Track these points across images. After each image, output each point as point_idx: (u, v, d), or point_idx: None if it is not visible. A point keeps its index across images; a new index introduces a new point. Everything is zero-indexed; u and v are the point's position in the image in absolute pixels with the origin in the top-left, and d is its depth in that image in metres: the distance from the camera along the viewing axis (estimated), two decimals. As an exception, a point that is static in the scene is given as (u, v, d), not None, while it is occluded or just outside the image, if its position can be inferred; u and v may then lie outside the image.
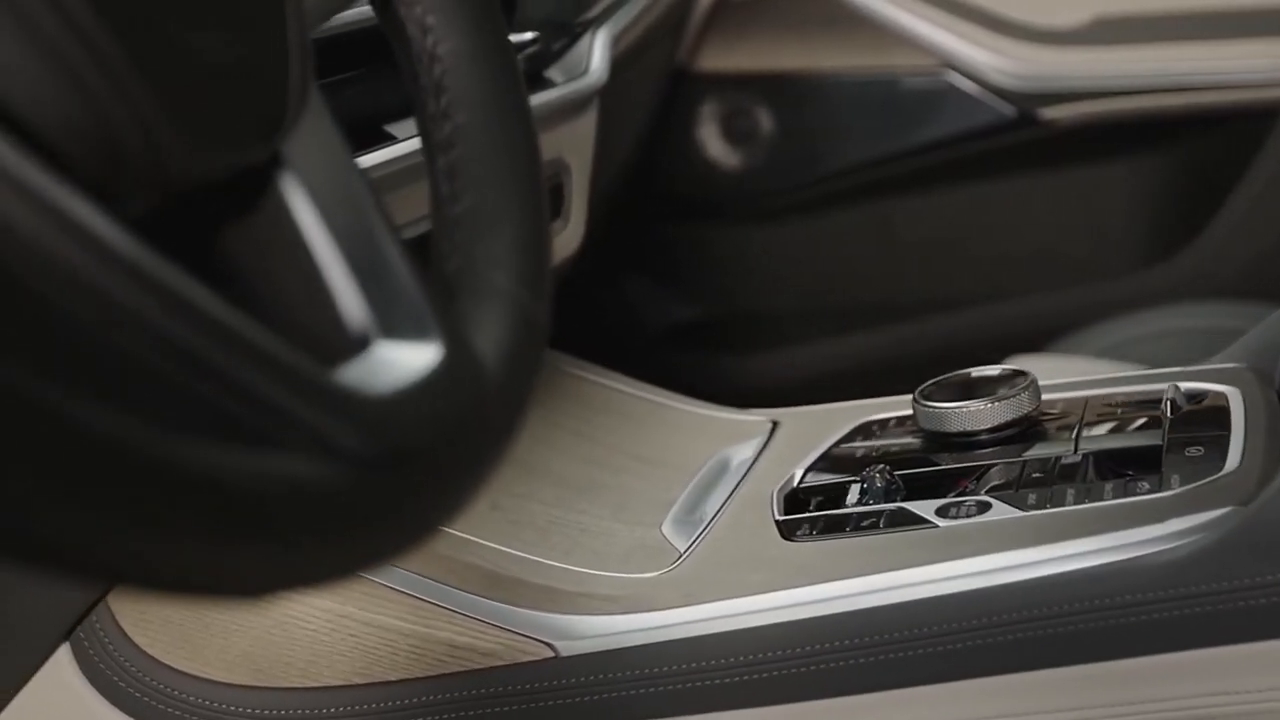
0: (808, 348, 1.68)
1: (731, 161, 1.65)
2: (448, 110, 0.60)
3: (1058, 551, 0.76)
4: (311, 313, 0.50)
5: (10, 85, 0.42)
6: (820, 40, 1.62)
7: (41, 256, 0.40)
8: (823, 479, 0.90)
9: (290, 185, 0.51)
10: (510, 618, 0.80)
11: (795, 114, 1.64)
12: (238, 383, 0.43)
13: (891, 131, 1.62)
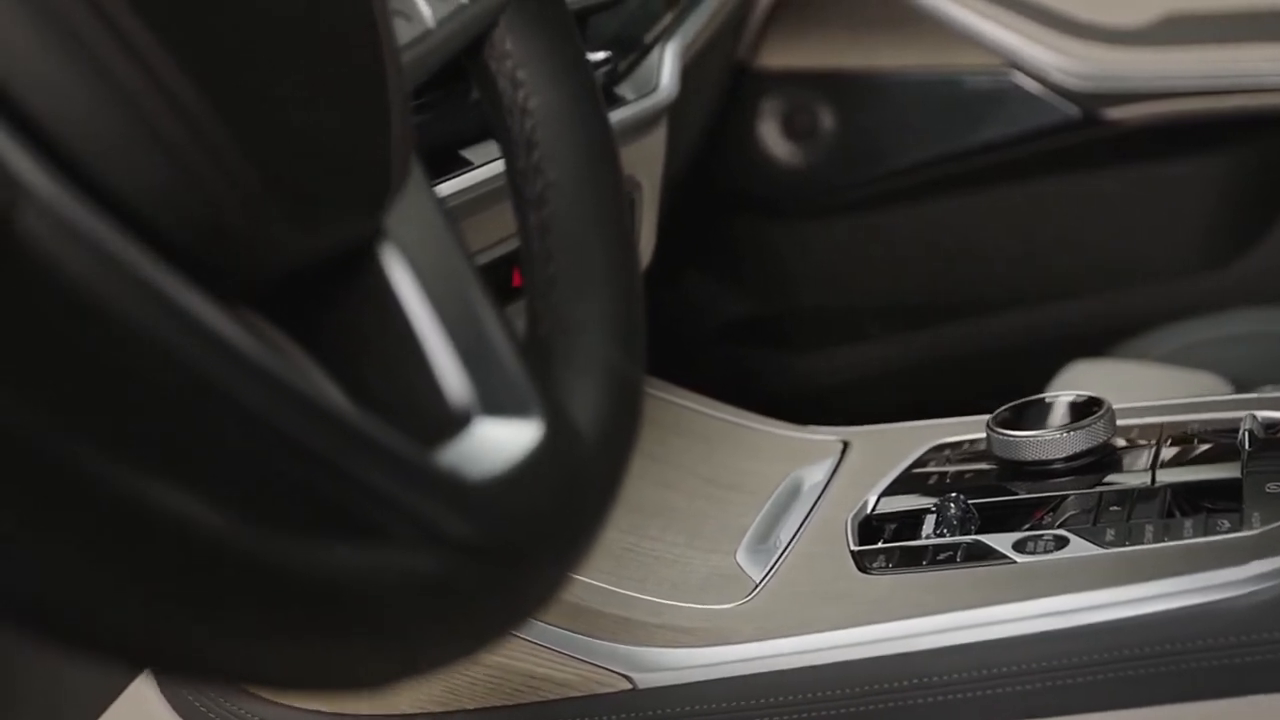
0: (866, 346, 1.68)
1: (792, 158, 1.65)
2: (539, 166, 0.60)
3: (1136, 593, 0.76)
4: (414, 389, 0.50)
5: (116, 168, 0.42)
6: (883, 39, 1.61)
7: (143, 342, 0.40)
8: (896, 505, 0.90)
9: (391, 258, 0.52)
10: (588, 649, 0.80)
11: (857, 112, 1.63)
12: (345, 472, 0.43)
13: (953, 131, 1.61)
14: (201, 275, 0.43)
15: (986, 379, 1.65)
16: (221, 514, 0.39)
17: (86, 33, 0.40)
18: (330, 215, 0.48)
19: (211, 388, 0.42)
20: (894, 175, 1.65)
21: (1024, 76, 1.57)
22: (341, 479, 0.43)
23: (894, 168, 1.64)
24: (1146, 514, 0.82)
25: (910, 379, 1.65)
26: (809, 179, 1.67)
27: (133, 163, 0.42)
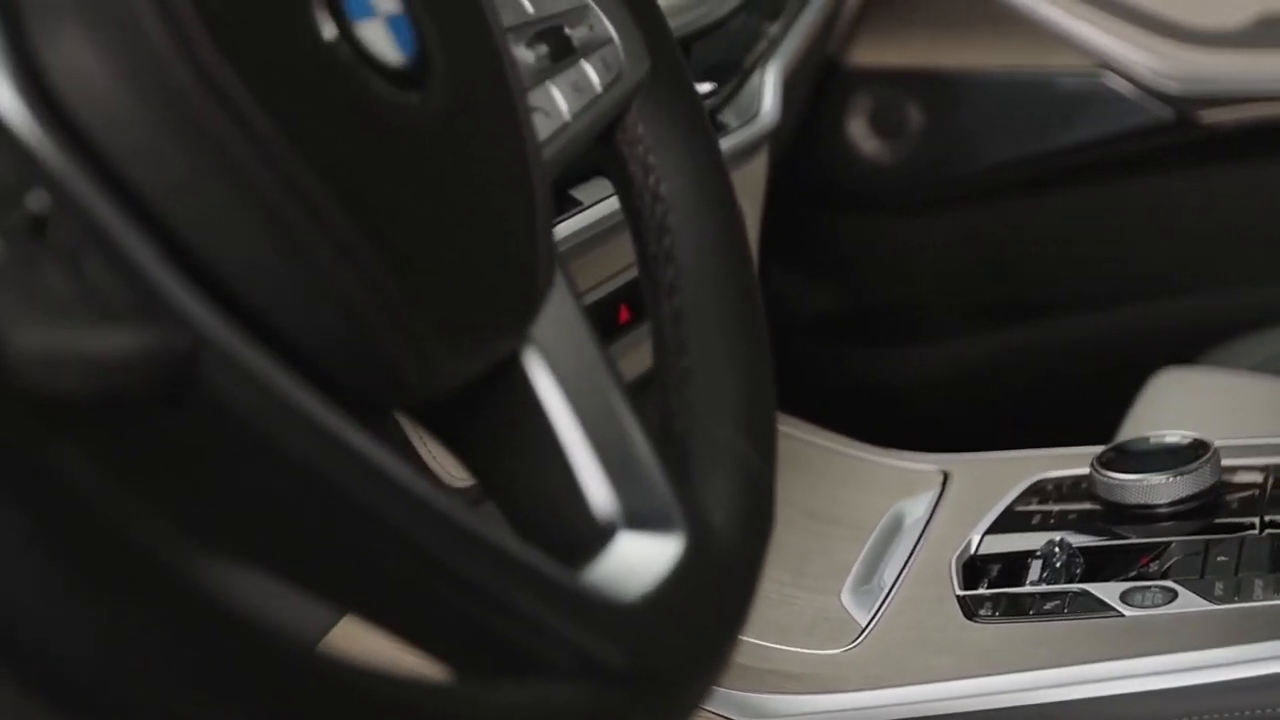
0: (949, 343, 1.68)
1: (879, 155, 1.65)
2: (671, 253, 0.61)
3: (1246, 654, 0.76)
4: (560, 501, 0.51)
5: (286, 312, 0.43)
6: (973, 38, 1.60)
7: (312, 480, 0.42)
8: (1000, 545, 0.91)
9: (535, 363, 0.52)
10: (697, 694, 0.81)
11: (946, 111, 1.63)
12: (503, 602, 0.44)
13: (1043, 131, 1.60)
14: (362, 407, 0.44)
15: (1070, 379, 1.65)
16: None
17: (265, 189, 0.42)
18: (485, 338, 0.49)
19: (378, 523, 0.43)
20: (982, 174, 1.64)
21: (1116, 77, 1.56)
22: (499, 609, 0.44)
23: (982, 167, 1.64)
24: (1255, 565, 0.83)
25: (993, 379, 1.65)
26: (896, 176, 1.67)
27: (302, 307, 0.43)
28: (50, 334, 0.36)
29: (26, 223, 0.37)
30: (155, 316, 0.39)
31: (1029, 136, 1.61)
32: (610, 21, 0.61)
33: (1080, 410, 1.52)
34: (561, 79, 0.59)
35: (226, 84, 0.41)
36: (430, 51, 0.48)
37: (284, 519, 0.42)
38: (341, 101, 0.45)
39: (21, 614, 0.34)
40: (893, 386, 1.68)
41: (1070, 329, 1.63)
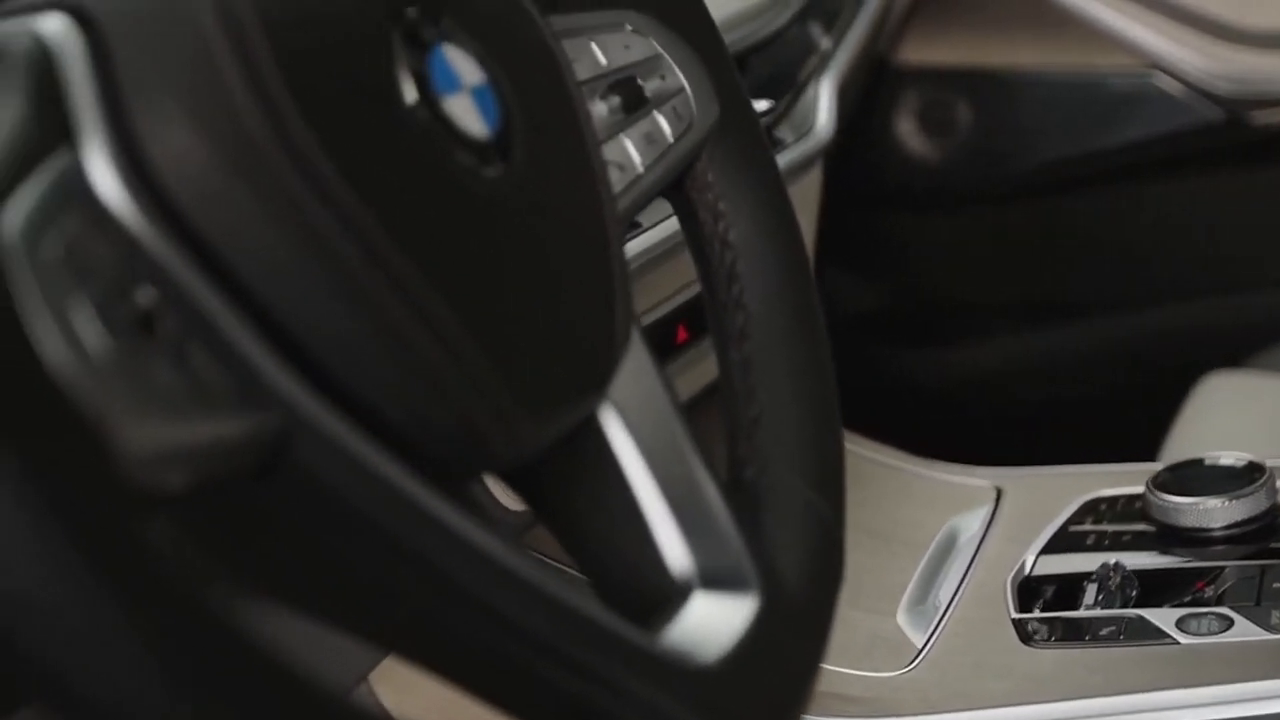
0: (995, 342, 1.68)
1: (928, 153, 1.65)
2: (740, 299, 0.62)
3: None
4: (637, 560, 0.52)
5: (376, 389, 0.44)
6: (1024, 37, 1.60)
7: (402, 554, 0.43)
8: (1054, 566, 0.91)
9: (613, 425, 0.53)
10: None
11: (995, 109, 1.63)
12: (581, 667, 0.45)
13: (1092, 131, 1.60)
14: (447, 476, 0.45)
15: (1119, 381, 1.65)
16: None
17: (354, 268, 0.42)
18: (567, 403, 0.50)
19: (462, 590, 0.44)
20: (1030, 173, 1.64)
21: (1165, 78, 1.56)
22: (579, 673, 0.45)
23: (1030, 166, 1.64)
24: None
25: (1038, 379, 1.66)
26: (944, 174, 1.67)
27: (389, 382, 0.44)
28: (159, 432, 0.37)
29: (136, 318, 0.38)
30: (254, 401, 0.40)
31: (1078, 136, 1.61)
32: (681, 70, 0.62)
33: (1127, 411, 1.53)
34: (634, 130, 0.60)
35: (317, 164, 0.42)
36: (513, 121, 0.49)
37: (370, 588, 0.43)
38: (427, 177, 0.46)
39: (129, 698, 0.35)
40: (936, 386, 1.69)
41: (1117, 329, 1.63)
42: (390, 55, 0.46)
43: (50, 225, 0.37)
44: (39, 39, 0.41)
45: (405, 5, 0.47)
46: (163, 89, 0.41)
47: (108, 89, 0.41)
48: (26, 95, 0.40)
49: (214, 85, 0.42)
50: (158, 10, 0.42)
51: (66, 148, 0.40)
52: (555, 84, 0.53)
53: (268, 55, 0.42)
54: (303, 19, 0.44)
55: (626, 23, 0.61)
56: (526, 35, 0.53)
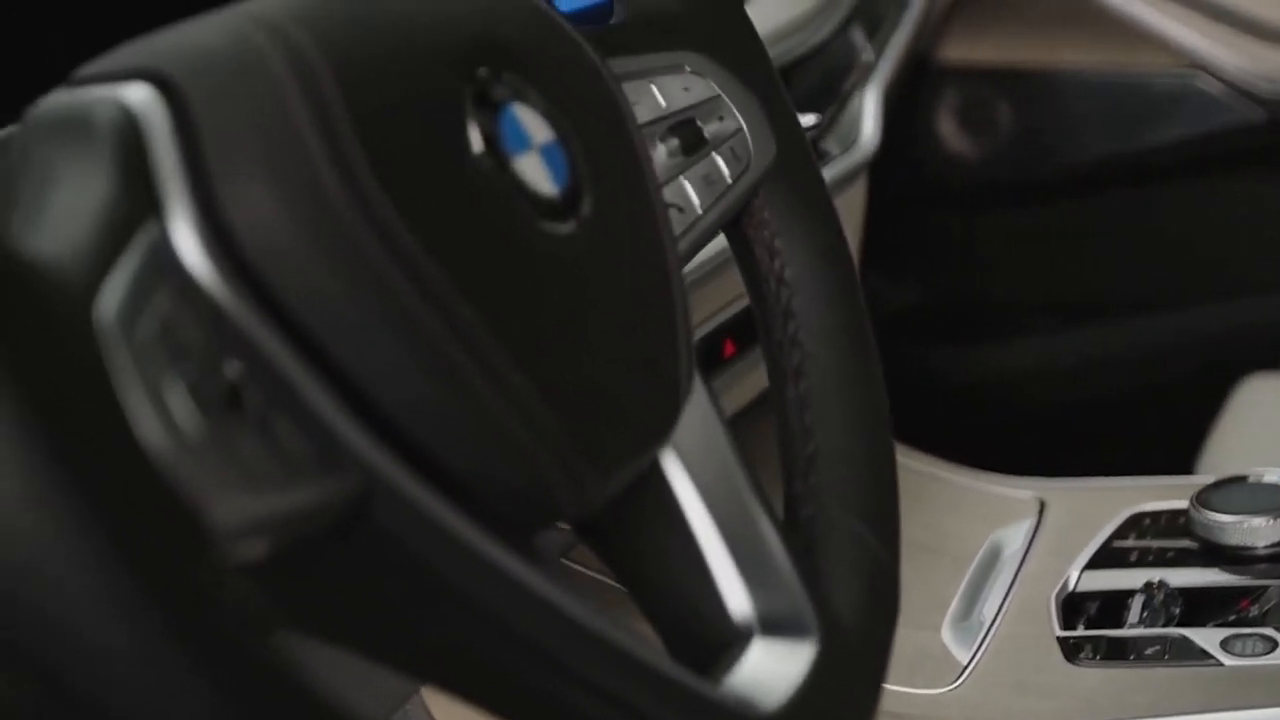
0: (1032, 341, 1.69)
1: (966, 150, 1.65)
2: (796, 337, 0.62)
3: (1348, 709, 0.78)
4: (698, 605, 0.53)
5: (451, 451, 0.45)
6: (1064, 36, 1.60)
7: (475, 611, 0.44)
8: (1098, 583, 0.92)
9: (674, 470, 0.54)
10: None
11: (1035, 108, 1.63)
12: (645, 717, 0.46)
13: (1132, 130, 1.60)
14: (516, 530, 0.46)
15: (1157, 380, 1.66)
16: None
17: (431, 331, 0.43)
18: (634, 455, 0.51)
19: (529, 642, 0.45)
20: (1069, 172, 1.65)
21: (1207, 77, 1.56)
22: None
23: (1070, 165, 1.64)
24: (1357, 614, 0.84)
25: (1076, 377, 1.66)
26: (983, 172, 1.67)
27: (462, 441, 0.45)
28: (247, 505, 0.38)
29: (224, 392, 0.39)
30: (335, 466, 0.41)
31: (1118, 136, 1.62)
32: (739, 111, 0.62)
33: (1167, 412, 1.53)
34: (693, 172, 0.60)
35: (394, 231, 0.43)
36: (580, 175, 0.50)
37: (441, 641, 0.44)
38: (499, 238, 0.46)
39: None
40: (970, 384, 1.69)
41: (1156, 329, 1.64)
42: (462, 117, 0.47)
43: (144, 304, 0.38)
44: (125, 109, 0.42)
45: (476, 65, 0.48)
46: (244, 157, 0.42)
47: (192, 158, 0.42)
48: (115, 167, 0.41)
49: (294, 152, 0.42)
50: (238, 77, 0.43)
51: (154, 219, 0.41)
52: (619, 134, 0.54)
53: (345, 121, 0.43)
54: (378, 81, 0.45)
55: (686, 64, 0.62)
56: (592, 87, 0.53)
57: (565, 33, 0.54)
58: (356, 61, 0.45)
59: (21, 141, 0.44)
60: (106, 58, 0.45)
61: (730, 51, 0.63)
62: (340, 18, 0.46)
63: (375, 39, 0.46)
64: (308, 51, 0.44)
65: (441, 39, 0.48)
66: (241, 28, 0.44)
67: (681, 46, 0.62)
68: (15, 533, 0.33)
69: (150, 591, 0.35)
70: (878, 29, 1.21)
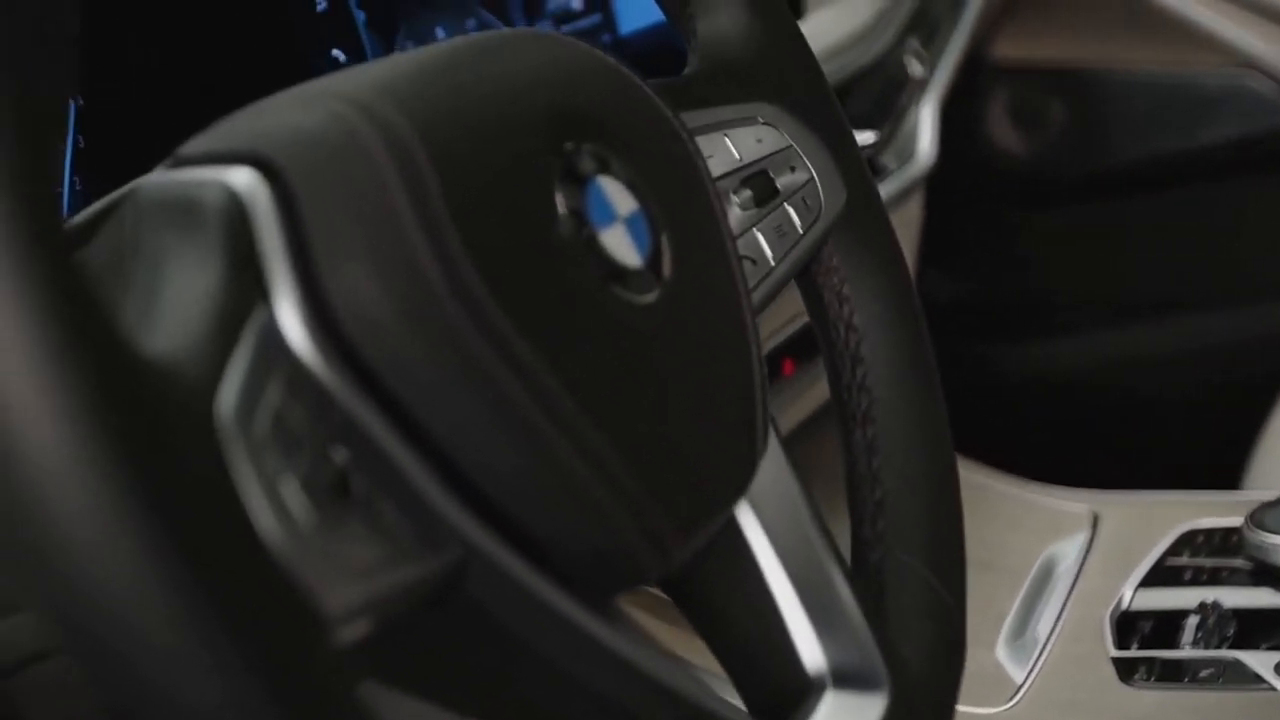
0: (1081, 339, 1.69)
1: (1017, 148, 1.65)
2: (864, 383, 0.64)
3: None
4: (773, 656, 0.55)
5: (539, 521, 0.46)
6: (1118, 35, 1.60)
7: (552, 669, 0.46)
8: (1152, 601, 0.93)
9: (749, 522, 0.56)
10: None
11: (1088, 107, 1.63)
12: None
13: (1184, 130, 1.61)
14: (600, 594, 0.48)
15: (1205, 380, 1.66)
16: None
17: (524, 410, 0.45)
18: (714, 515, 0.52)
19: (612, 702, 0.47)
20: (1121, 171, 1.65)
21: (1260, 77, 1.56)
22: None
23: (1122, 164, 1.65)
24: None
25: (1124, 375, 1.66)
26: (1035, 170, 1.67)
27: (552, 512, 0.46)
28: (354, 592, 0.40)
29: (333, 480, 0.41)
30: (436, 543, 0.43)
31: (1170, 135, 1.62)
32: (809, 160, 0.63)
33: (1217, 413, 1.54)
34: (766, 224, 0.61)
35: (487, 309, 0.44)
36: (661, 243, 0.51)
37: (529, 703, 0.46)
38: (586, 312, 0.48)
39: None
40: (1017, 381, 1.70)
41: (1206, 328, 1.64)
42: (550, 193, 0.48)
43: (258, 397, 0.40)
44: (232, 193, 0.43)
45: (562, 139, 0.49)
46: (346, 239, 0.43)
47: (295, 242, 0.43)
48: (225, 253, 0.42)
49: (393, 234, 0.43)
50: (338, 160, 0.44)
51: (263, 304, 0.42)
52: (698, 196, 0.55)
53: (440, 202, 0.44)
54: (469, 159, 0.46)
55: (758, 115, 0.63)
56: (671, 150, 0.55)
57: (644, 96, 0.55)
58: (448, 140, 0.46)
59: (132, 221, 0.45)
60: (207, 136, 0.46)
61: (802, 101, 0.64)
62: (428, 95, 0.47)
63: (464, 116, 0.47)
64: (403, 132, 0.45)
65: (528, 113, 0.49)
66: (336, 109, 0.45)
67: (754, 98, 0.63)
68: (142, 623, 0.35)
69: (266, 680, 0.37)
70: (933, 38, 1.22)
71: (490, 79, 0.49)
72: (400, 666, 0.46)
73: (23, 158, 0.36)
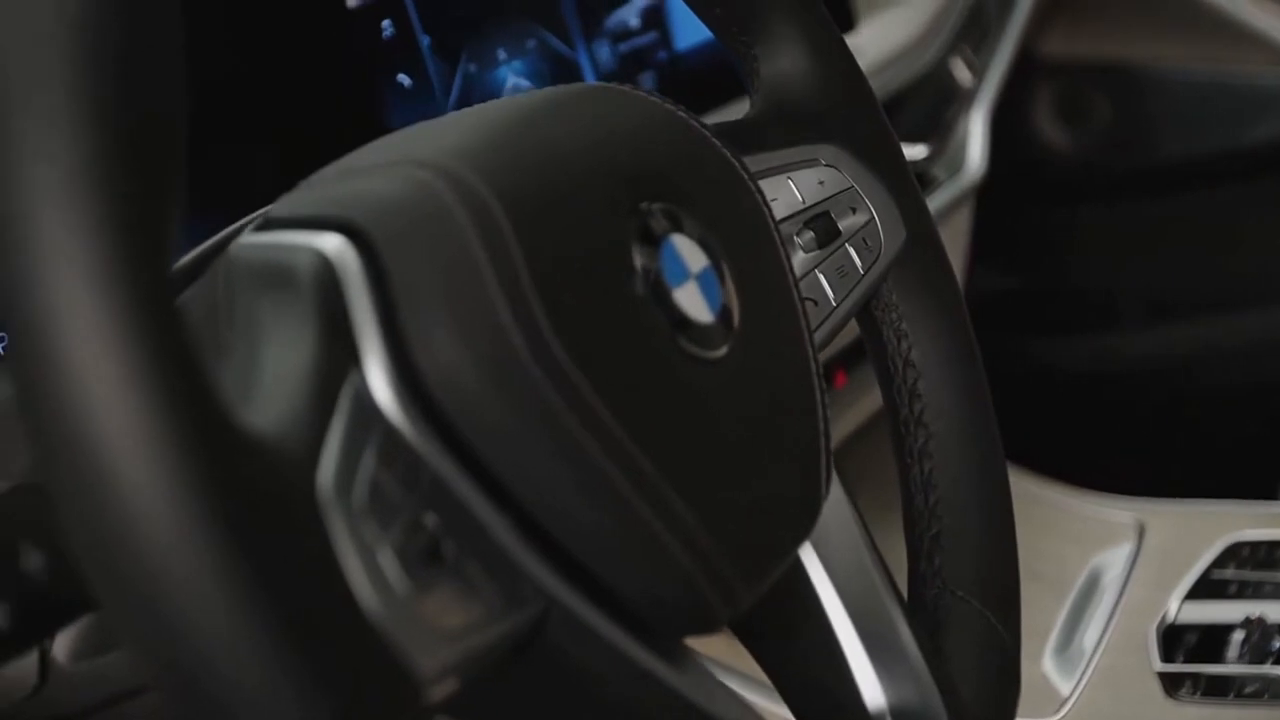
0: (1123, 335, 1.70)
1: (1062, 143, 1.66)
2: (921, 418, 0.65)
3: None
4: (836, 698, 0.56)
5: (615, 572, 0.48)
6: (1165, 32, 1.61)
7: (629, 715, 0.48)
8: (1198, 614, 0.94)
9: (811, 562, 0.57)
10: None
11: (1134, 103, 1.64)
12: None
13: (1232, 128, 1.61)
14: (671, 640, 0.50)
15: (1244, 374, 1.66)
16: None
17: (602, 466, 0.46)
18: (780, 562, 0.54)
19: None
20: (1167, 168, 1.65)
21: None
22: None
23: (1167, 161, 1.65)
24: None
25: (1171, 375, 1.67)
26: (1080, 166, 1.68)
27: (627, 563, 0.48)
28: (447, 653, 0.42)
29: (426, 547, 0.42)
30: (522, 600, 0.45)
31: (1217, 133, 1.62)
32: (870, 201, 0.65)
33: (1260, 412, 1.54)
34: (828, 265, 0.63)
35: (566, 371, 0.45)
36: (731, 296, 0.52)
37: None
38: (660, 370, 0.49)
39: None
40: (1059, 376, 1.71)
41: (1251, 326, 1.65)
42: (627, 254, 0.49)
43: (355, 467, 0.41)
44: (324, 259, 0.44)
45: (638, 199, 0.50)
46: (432, 303, 0.44)
47: (384, 307, 0.44)
48: (319, 320, 0.43)
49: (477, 298, 0.44)
50: (423, 226, 0.45)
51: (355, 369, 0.44)
52: (766, 246, 0.56)
53: (522, 265, 0.45)
54: (548, 222, 0.47)
55: (821, 157, 0.64)
56: (740, 203, 0.56)
57: (713, 150, 0.56)
58: (527, 203, 0.47)
59: (225, 283, 0.47)
60: (294, 199, 0.48)
61: (862, 142, 0.65)
62: (507, 158, 0.48)
63: (542, 179, 0.48)
64: (484, 197, 0.46)
65: (603, 174, 0.50)
66: (419, 176, 0.46)
67: (816, 139, 0.64)
68: (250, 694, 0.37)
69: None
70: (983, 43, 1.23)
71: (564, 138, 0.51)
72: (481, 713, 0.48)
73: (130, 201, 0.36)
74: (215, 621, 0.36)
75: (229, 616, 0.36)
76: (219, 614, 0.36)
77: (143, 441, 0.35)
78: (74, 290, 0.35)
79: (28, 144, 0.36)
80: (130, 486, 0.35)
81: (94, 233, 0.36)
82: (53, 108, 0.37)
